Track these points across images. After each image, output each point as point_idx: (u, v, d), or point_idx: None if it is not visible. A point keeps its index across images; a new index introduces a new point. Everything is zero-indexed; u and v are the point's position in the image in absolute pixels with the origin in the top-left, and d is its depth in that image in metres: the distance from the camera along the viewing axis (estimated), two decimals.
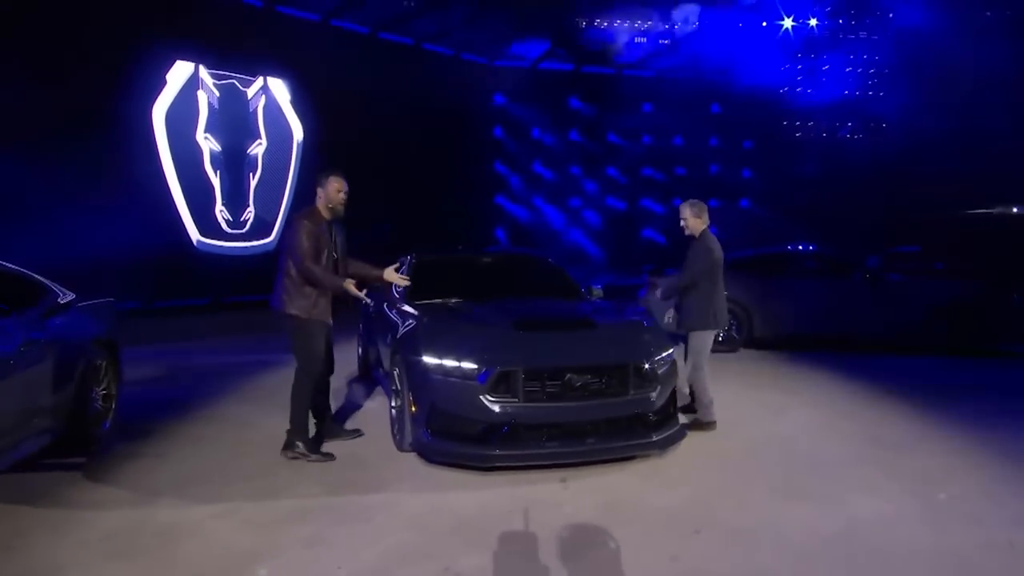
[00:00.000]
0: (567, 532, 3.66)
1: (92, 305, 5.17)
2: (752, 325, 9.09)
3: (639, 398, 4.61)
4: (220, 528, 3.64)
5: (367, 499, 4.07)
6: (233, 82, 13.86)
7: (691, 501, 4.08)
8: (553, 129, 19.20)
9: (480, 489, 4.23)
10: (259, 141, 14.17)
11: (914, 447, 5.09)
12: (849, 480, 4.43)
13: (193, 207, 13.30)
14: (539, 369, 4.44)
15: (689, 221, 5.85)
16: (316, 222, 4.76)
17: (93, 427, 4.89)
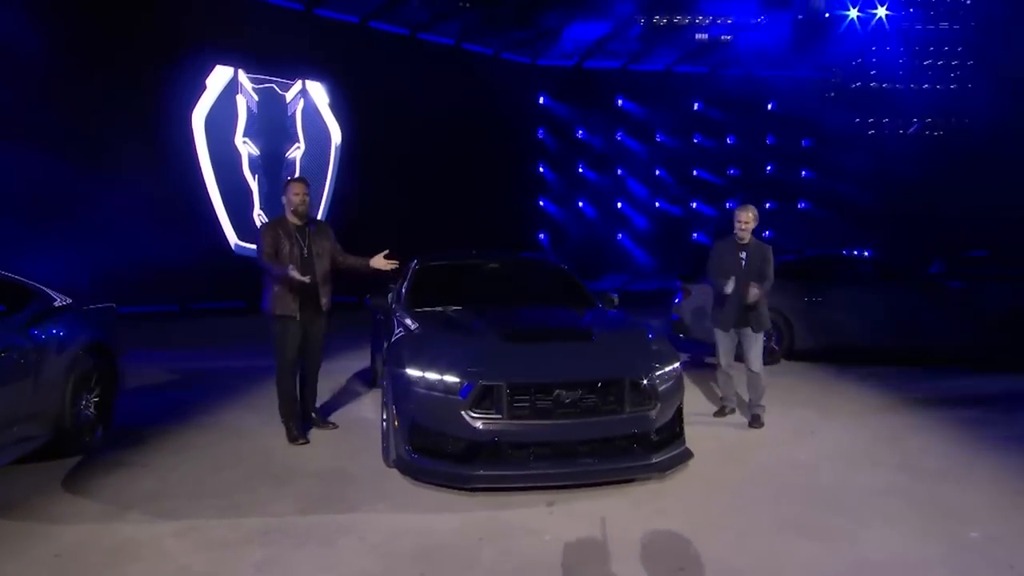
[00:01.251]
0: (538, 563, 3.42)
1: (85, 311, 5.19)
2: (793, 336, 8.57)
3: (637, 416, 4.33)
4: (177, 547, 3.53)
5: (338, 519, 3.91)
6: (272, 86, 14.06)
7: (683, 533, 3.77)
8: (599, 129, 18.89)
9: (460, 511, 4.02)
10: (297, 145, 14.33)
11: (956, 478, 4.63)
12: (869, 515, 4.03)
13: (231, 211, 13.54)
14: (525, 384, 4.21)
15: (752, 225, 5.85)
16: (279, 225, 5.23)
17: (84, 434, 4.89)
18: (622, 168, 19.17)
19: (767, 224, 19.49)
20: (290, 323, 5.15)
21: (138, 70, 12.11)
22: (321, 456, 4.96)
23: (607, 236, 19.10)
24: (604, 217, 19.15)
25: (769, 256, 5.88)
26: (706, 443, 5.29)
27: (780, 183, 19.72)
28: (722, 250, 5.98)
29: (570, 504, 4.12)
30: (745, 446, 5.34)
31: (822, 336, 8.61)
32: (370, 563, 3.42)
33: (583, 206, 19.02)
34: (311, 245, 5.25)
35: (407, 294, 5.67)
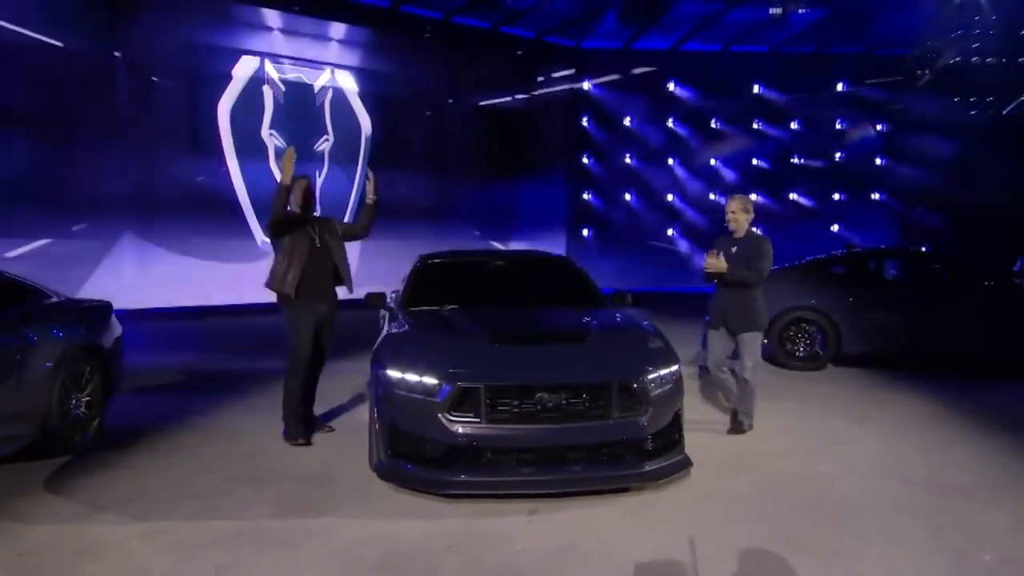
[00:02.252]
0: (500, 574, 3.46)
1: (77, 309, 5.47)
2: (840, 339, 8.35)
3: (626, 422, 4.34)
4: (141, 549, 3.71)
5: (309, 524, 4.03)
6: (300, 75, 14.40)
7: (667, 549, 3.76)
8: (649, 117, 18.65)
9: (436, 518, 4.10)
10: (326, 137, 14.66)
11: (986, 497, 4.49)
12: (877, 532, 3.96)
13: (257, 206, 13.95)
14: (505, 387, 4.26)
15: (740, 216, 5.85)
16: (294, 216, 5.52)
17: (75, 434, 5.15)
18: (675, 157, 18.91)
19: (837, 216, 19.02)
20: (304, 309, 5.33)
21: (164, 59, 12.65)
22: (309, 460, 5.11)
23: (658, 231, 18.86)
24: (655, 211, 18.91)
25: (763, 249, 5.74)
26: (717, 453, 5.28)
27: (852, 172, 19.12)
28: (716, 245, 5.92)
29: (553, 513, 4.16)
30: (760, 456, 5.27)
31: (874, 340, 8.36)
32: (329, 569, 3.53)
33: (631, 199, 18.83)
34: (322, 236, 5.52)
35: (404, 293, 5.79)
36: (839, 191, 19.30)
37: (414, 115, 16.21)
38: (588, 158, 18.74)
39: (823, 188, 19.23)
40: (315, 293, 5.38)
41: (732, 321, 5.76)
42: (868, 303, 8.40)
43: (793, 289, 8.57)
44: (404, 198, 15.98)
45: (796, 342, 8.41)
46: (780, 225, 18.37)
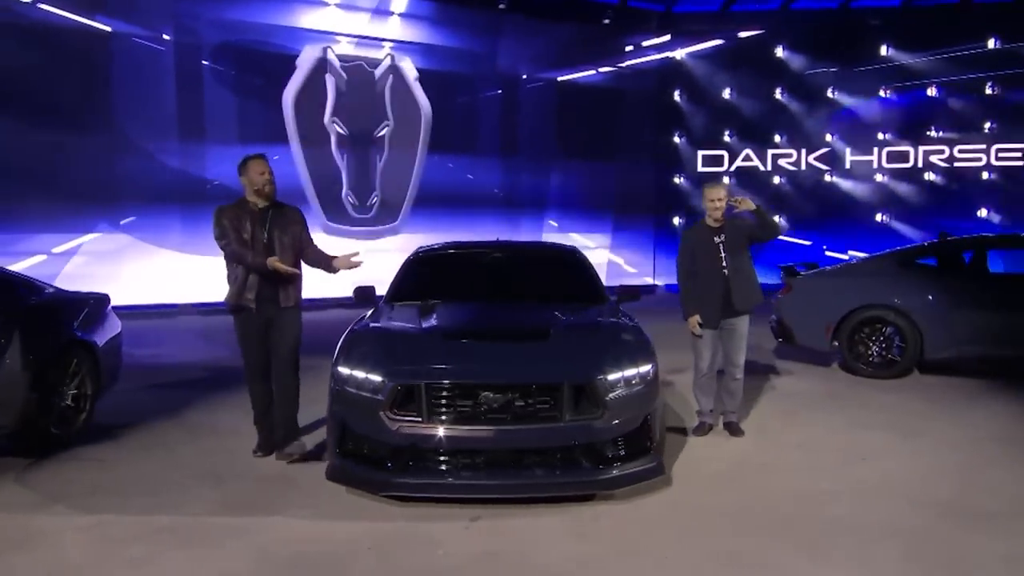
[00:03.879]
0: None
1: (67, 304, 6.04)
2: (922, 343, 7.96)
3: (579, 425, 4.41)
4: (72, 540, 4.12)
5: (245, 521, 4.34)
6: (361, 63, 15.03)
7: (593, 562, 3.84)
8: (753, 88, 18.12)
9: (374, 520, 4.34)
10: (386, 123, 15.23)
11: (1000, 526, 4.30)
12: (844, 557, 3.89)
13: (321, 193, 14.73)
14: (447, 385, 4.42)
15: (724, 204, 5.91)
16: (239, 210, 5.33)
17: (59, 427, 5.70)
18: (783, 134, 18.29)
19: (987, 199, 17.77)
20: (249, 316, 5.28)
21: (229, 50, 13.61)
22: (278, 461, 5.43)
23: None
24: (759, 195, 18.34)
25: (765, 219, 5.90)
26: (717, 463, 5.36)
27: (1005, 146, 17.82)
28: (693, 239, 5.87)
29: (496, 520, 4.31)
30: (761, 470, 5.23)
31: (962, 345, 7.91)
32: (238, 566, 3.81)
33: (731, 182, 18.36)
34: (272, 230, 5.30)
35: (392, 286, 6.05)
36: (988, 168, 18.06)
37: (484, 94, 16.53)
38: (680, 137, 18.45)
39: (968, 165, 18.01)
40: (264, 300, 5.27)
41: (738, 300, 5.83)
42: (958, 300, 7.93)
43: (866, 285, 8.27)
44: (471, 185, 16.38)
45: (869, 345, 8.07)
46: (915, 210, 17.46)
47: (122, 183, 12.89)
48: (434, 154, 15.82)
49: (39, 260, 12.15)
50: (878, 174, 18.21)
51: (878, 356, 8.06)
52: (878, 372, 8.03)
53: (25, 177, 11.88)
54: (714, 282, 5.83)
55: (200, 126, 13.68)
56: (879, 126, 18.14)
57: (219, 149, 13.85)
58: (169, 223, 13.33)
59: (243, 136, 14.05)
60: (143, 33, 13.07)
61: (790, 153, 18.34)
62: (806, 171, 18.34)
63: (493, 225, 15.98)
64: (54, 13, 12.20)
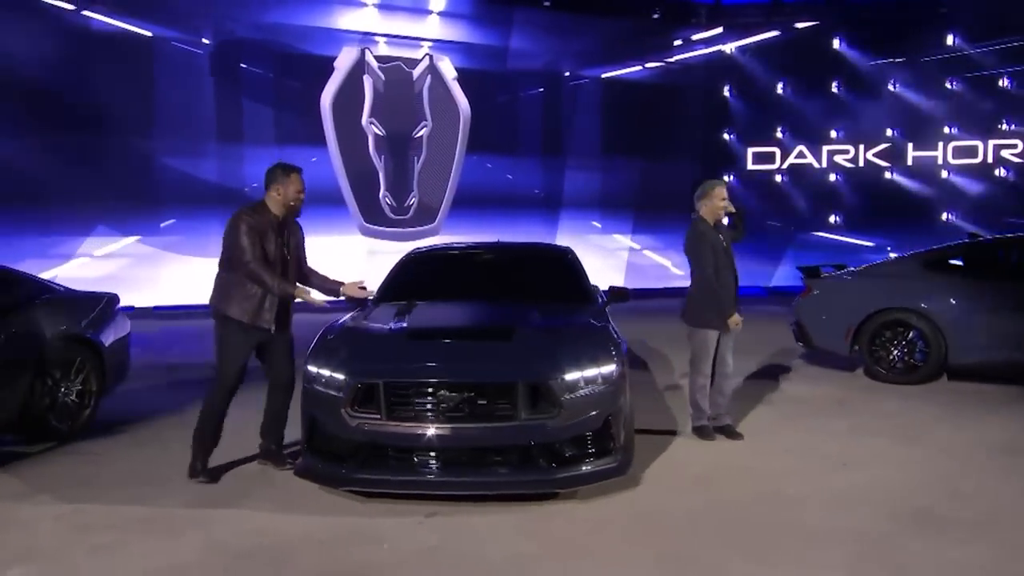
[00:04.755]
0: (343, 570, 3.84)
1: (72, 304, 6.43)
2: (946, 347, 7.79)
3: (534, 424, 4.55)
4: (44, 528, 4.43)
5: (210, 514, 4.60)
6: (399, 63, 15.40)
7: (529, 561, 3.97)
8: (807, 82, 17.82)
9: (333, 515, 4.55)
10: (424, 123, 15.55)
11: (966, 533, 4.27)
12: (786, 560, 3.93)
13: (358, 193, 15.15)
14: (403, 384, 4.60)
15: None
16: (261, 219, 5.16)
17: (61, 421, 6.08)
18: (839, 130, 17.94)
19: None
20: (253, 333, 5.14)
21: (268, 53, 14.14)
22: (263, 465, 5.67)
23: (816, 218, 17.99)
24: (813, 194, 18.05)
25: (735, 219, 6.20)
26: (694, 467, 5.41)
27: None
28: (711, 239, 5.93)
29: (452, 516, 4.49)
30: (733, 473, 5.29)
31: (990, 349, 7.69)
32: (188, 556, 4.06)
33: (783, 181, 18.13)
34: (289, 243, 5.30)
35: (380, 287, 6.27)
36: None
37: (525, 92, 16.71)
38: (730, 134, 18.29)
39: None
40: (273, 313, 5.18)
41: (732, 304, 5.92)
42: (983, 304, 7.73)
43: (888, 287, 8.15)
44: (511, 186, 16.57)
45: (890, 350, 7.94)
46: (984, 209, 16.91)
47: (162, 186, 13.49)
48: (473, 154, 16.08)
49: (82, 262, 12.83)
50: (943, 170, 17.71)
51: (900, 361, 7.92)
52: (900, 377, 7.89)
53: (68, 181, 12.55)
54: (729, 282, 5.89)
55: (238, 129, 14.23)
56: (944, 120, 17.64)
57: (257, 151, 14.38)
58: (208, 225, 13.83)
59: (281, 138, 14.57)
60: (183, 37, 13.68)
61: (847, 149, 18.00)
62: (864, 168, 17.96)
63: (533, 227, 16.19)
64: (97, 19, 12.88)
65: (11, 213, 12.14)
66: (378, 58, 15.23)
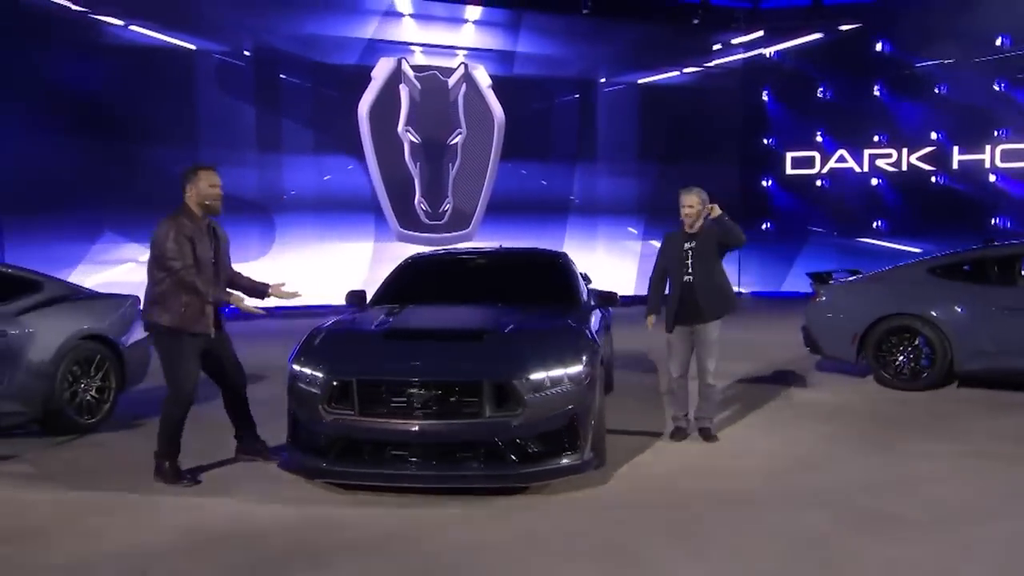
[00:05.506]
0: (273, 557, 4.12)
1: (94, 304, 6.88)
2: (952, 353, 7.78)
3: (498, 421, 4.79)
4: (42, 511, 4.80)
5: (195, 501, 4.93)
6: (434, 73, 15.80)
7: (479, 555, 4.19)
8: (848, 86, 17.65)
9: (309, 504, 4.84)
10: (459, 130, 15.91)
11: (911, 534, 4.37)
12: (726, 556, 4.11)
13: (394, 200, 15.59)
14: (375, 381, 4.89)
15: (698, 210, 6.20)
16: (189, 224, 5.20)
17: (79, 416, 6.52)
18: (881, 134, 17.70)
19: None
20: (194, 340, 5.22)
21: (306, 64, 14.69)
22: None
23: (860, 224, 17.76)
24: (855, 199, 17.81)
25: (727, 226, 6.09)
26: (655, 467, 5.60)
27: None
28: (668, 242, 6.12)
29: (421, 508, 4.77)
30: (704, 473, 5.45)
31: (996, 356, 7.67)
32: (162, 539, 4.38)
33: (824, 185, 17.96)
34: (217, 246, 5.37)
35: (378, 290, 6.58)
36: None
37: (560, 99, 16.94)
38: (769, 139, 18.22)
39: None
40: (210, 317, 5.26)
41: (705, 307, 6.04)
42: (989, 310, 7.70)
43: (895, 293, 8.19)
44: (545, 192, 16.82)
45: (896, 356, 7.95)
46: None
47: None
48: (507, 161, 16.37)
49: (128, 268, 13.47)
50: (991, 174, 17.36)
51: (906, 367, 7.93)
52: (907, 384, 7.90)
53: (115, 190, 13.22)
54: (677, 287, 6.10)
55: (277, 138, 14.77)
56: (992, 122, 17.29)
57: (296, 160, 14.94)
58: (248, 233, 14.43)
59: (318, 147, 15.09)
60: (224, 50, 14.27)
61: (889, 153, 17.78)
62: (908, 172, 17.69)
63: (568, 233, 16.40)
64: (143, 34, 13.56)
65: (62, 221, 12.82)
66: (414, 67, 15.64)
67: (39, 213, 12.62)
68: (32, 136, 12.70)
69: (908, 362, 7.92)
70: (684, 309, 6.04)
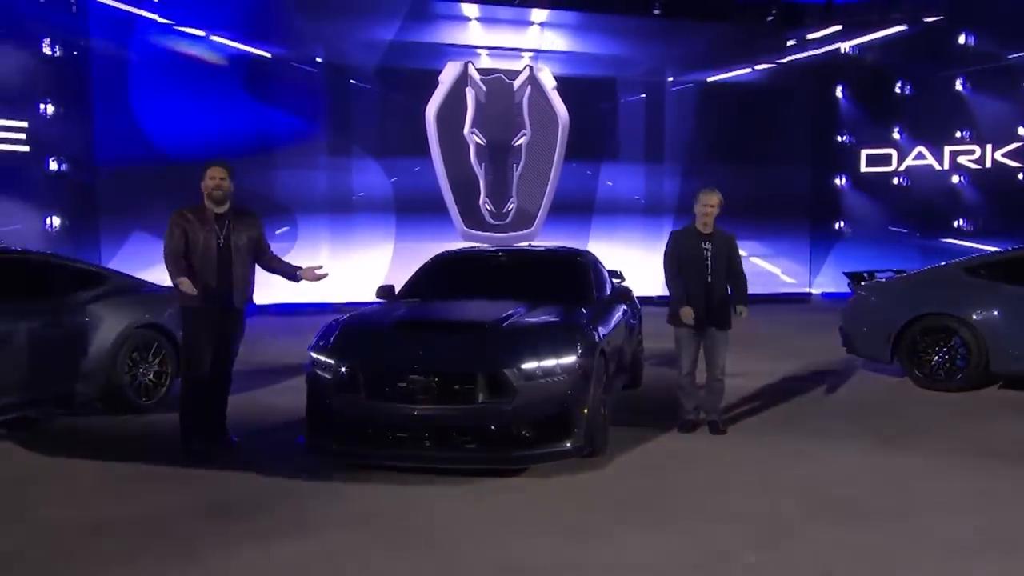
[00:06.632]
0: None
1: (148, 296, 7.61)
2: (987, 354, 7.77)
3: (489, 408, 5.20)
4: (84, 481, 5.45)
5: (208, 474, 5.50)
6: (500, 75, 16.30)
7: (460, 529, 4.61)
8: (928, 80, 17.24)
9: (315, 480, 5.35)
10: (524, 132, 16.36)
11: (875, 523, 4.60)
12: (687, 534, 4.44)
13: (460, 201, 16.15)
14: (380, 370, 5.37)
15: (716, 212, 6.46)
16: (193, 214, 5.92)
17: (138, 398, 7.25)
18: (965, 130, 17.20)
19: None
20: (202, 315, 5.86)
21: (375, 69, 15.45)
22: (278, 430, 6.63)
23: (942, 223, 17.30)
24: (937, 198, 17.35)
25: (736, 246, 6.32)
26: (663, 457, 5.90)
27: None
28: (682, 241, 6.29)
29: (416, 486, 5.20)
30: (696, 461, 5.75)
31: None
32: (169, 503, 4.94)
33: (903, 183, 17.58)
34: (230, 234, 5.94)
35: (405, 284, 7.08)
36: None
37: (626, 98, 17.16)
38: (843, 136, 17.98)
39: None
40: (218, 302, 5.90)
41: (718, 318, 6.28)
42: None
43: (931, 293, 8.27)
44: (610, 192, 17.09)
45: (931, 356, 7.98)
46: None
47: (278, 197, 14.94)
48: (572, 161, 16.70)
49: None
50: None
51: (941, 368, 7.95)
52: (942, 385, 7.92)
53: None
54: (698, 286, 6.32)
55: (347, 141, 15.51)
56: None
57: (365, 162, 15.65)
58: (318, 232, 15.26)
59: (386, 149, 15.77)
60: (298, 57, 15.09)
61: (972, 150, 17.26)
62: (992, 169, 17.17)
63: (633, 233, 16.62)
64: (222, 43, 14.52)
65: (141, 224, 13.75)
66: (480, 71, 16.14)
67: (138, 215, 13.64)
68: (125, 141, 13.83)
69: (943, 363, 7.94)
70: (705, 309, 6.28)
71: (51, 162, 13.45)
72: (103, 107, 13.98)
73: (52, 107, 13.36)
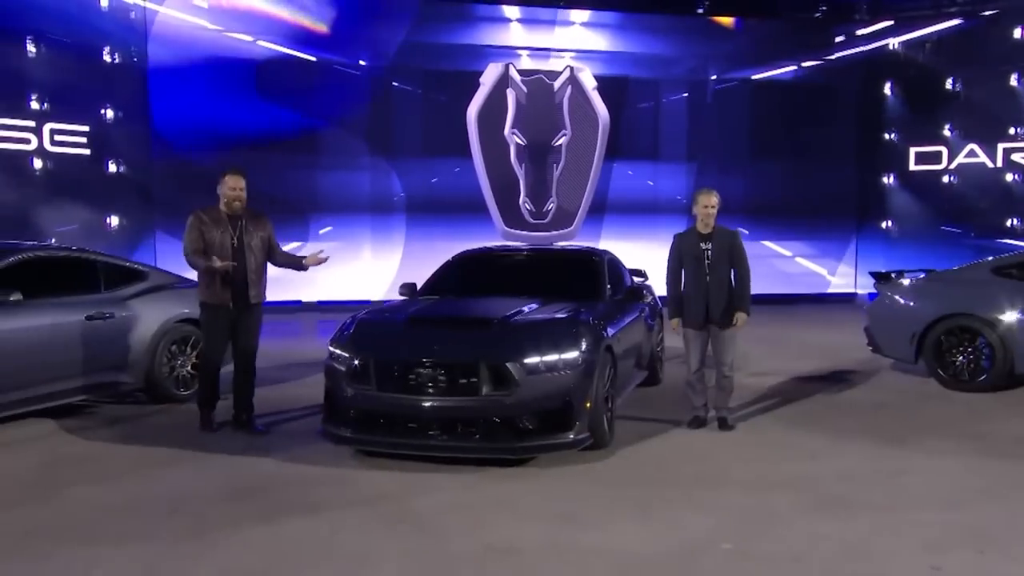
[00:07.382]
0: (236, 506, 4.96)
1: (189, 291, 7.97)
2: (1009, 355, 7.77)
3: (493, 400, 5.46)
4: (113, 464, 5.85)
5: (225, 459, 5.86)
6: (540, 76, 16.56)
7: (455, 512, 4.88)
8: (982, 75, 16.91)
9: (325, 466, 5.67)
10: (564, 132, 16.60)
11: (856, 515, 4.73)
12: (668, 521, 4.64)
13: (500, 200, 16.45)
14: (390, 363, 5.67)
15: (715, 211, 6.61)
16: (208, 216, 6.42)
17: (176, 389, 7.67)
18: (1018, 126, 16.81)
19: None
20: (219, 311, 6.42)
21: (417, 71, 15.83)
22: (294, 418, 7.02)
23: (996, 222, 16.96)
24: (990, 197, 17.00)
25: (740, 243, 6.41)
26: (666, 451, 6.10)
27: None
28: (683, 242, 6.44)
29: (418, 474, 5.49)
30: (696, 457, 5.92)
31: None
32: (193, 485, 5.30)
33: (953, 182, 17.26)
34: (243, 235, 6.44)
35: (426, 282, 7.37)
36: None
37: (668, 98, 17.25)
38: (892, 133, 17.75)
39: None
40: (235, 298, 6.40)
41: (724, 316, 6.39)
42: None
43: (955, 293, 8.28)
44: (651, 192, 17.19)
45: (955, 356, 7.99)
46: None
47: (321, 197, 15.44)
48: (612, 161, 16.86)
49: None
50: None
51: (965, 368, 7.95)
52: (965, 385, 7.93)
53: None
54: (698, 286, 6.49)
55: (390, 142, 15.93)
56: None
57: (407, 163, 16.05)
58: (361, 232, 15.70)
59: (428, 150, 16.16)
60: (342, 60, 15.55)
61: None
62: None
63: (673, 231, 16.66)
64: (269, 48, 15.07)
65: None
66: (521, 72, 16.41)
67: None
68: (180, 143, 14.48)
69: (967, 363, 7.95)
70: (705, 309, 6.44)
71: (110, 164, 14.18)
72: (159, 111, 14.63)
73: (111, 111, 14.10)
